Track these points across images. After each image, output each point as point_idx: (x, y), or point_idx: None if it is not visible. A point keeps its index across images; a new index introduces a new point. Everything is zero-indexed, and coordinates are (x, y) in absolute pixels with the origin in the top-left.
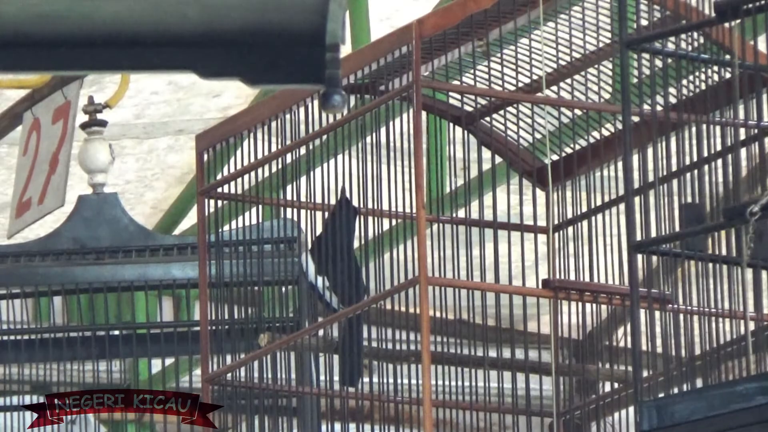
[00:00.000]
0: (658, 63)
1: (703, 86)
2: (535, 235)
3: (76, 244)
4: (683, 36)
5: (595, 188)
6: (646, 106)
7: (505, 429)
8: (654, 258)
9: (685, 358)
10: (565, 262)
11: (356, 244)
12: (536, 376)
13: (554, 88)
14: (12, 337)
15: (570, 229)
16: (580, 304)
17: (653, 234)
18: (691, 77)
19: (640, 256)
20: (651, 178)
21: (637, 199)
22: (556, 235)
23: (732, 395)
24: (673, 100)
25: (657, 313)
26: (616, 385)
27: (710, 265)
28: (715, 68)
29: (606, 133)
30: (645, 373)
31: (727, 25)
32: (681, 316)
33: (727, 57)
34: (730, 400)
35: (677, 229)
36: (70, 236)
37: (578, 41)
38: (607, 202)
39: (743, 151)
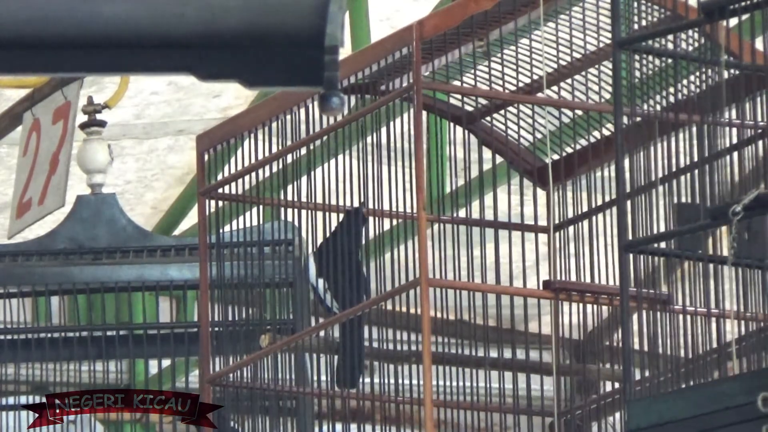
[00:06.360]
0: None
1: (696, 84)
2: (535, 235)
3: (74, 244)
4: (677, 35)
5: (596, 188)
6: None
7: (506, 429)
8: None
9: (680, 358)
10: (565, 262)
11: None
12: (537, 376)
13: (555, 88)
14: (9, 337)
15: (571, 229)
16: (581, 304)
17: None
18: (686, 75)
19: (633, 256)
20: (647, 178)
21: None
22: (557, 235)
23: (718, 394)
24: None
25: (652, 313)
26: (616, 385)
27: (700, 264)
28: (710, 68)
29: (606, 133)
30: (647, 373)
31: (723, 24)
32: (673, 316)
33: (727, 57)
34: (717, 399)
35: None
36: (68, 236)
37: (579, 41)
38: (607, 201)
39: (737, 152)
